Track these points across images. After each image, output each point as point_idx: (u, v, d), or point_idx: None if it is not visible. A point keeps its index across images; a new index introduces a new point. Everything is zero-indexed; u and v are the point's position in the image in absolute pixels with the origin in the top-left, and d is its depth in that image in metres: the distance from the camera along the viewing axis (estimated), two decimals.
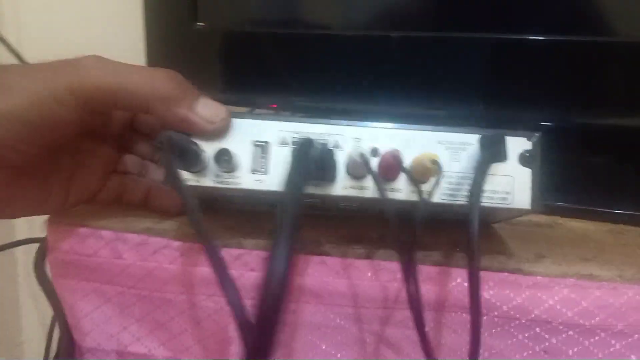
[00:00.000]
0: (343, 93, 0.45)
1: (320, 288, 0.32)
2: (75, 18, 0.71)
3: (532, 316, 0.30)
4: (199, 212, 0.25)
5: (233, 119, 0.29)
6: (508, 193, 0.29)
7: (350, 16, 0.44)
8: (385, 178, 0.29)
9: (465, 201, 0.28)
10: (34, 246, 0.40)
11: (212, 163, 0.29)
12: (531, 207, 0.29)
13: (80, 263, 0.34)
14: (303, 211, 0.23)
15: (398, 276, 0.31)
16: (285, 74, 0.47)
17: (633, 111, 0.40)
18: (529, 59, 0.40)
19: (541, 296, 0.30)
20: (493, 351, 0.31)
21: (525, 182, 0.29)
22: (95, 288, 0.35)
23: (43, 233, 0.36)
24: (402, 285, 0.31)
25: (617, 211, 0.39)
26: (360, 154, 0.28)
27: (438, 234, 0.32)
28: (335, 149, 0.29)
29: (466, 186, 0.29)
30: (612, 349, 0.30)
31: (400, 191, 0.29)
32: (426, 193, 0.29)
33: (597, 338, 0.30)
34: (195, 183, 0.29)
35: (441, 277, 0.31)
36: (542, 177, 0.30)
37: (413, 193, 0.29)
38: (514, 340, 0.31)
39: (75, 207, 0.35)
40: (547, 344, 0.30)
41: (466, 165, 0.29)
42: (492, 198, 0.29)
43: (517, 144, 0.29)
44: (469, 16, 0.42)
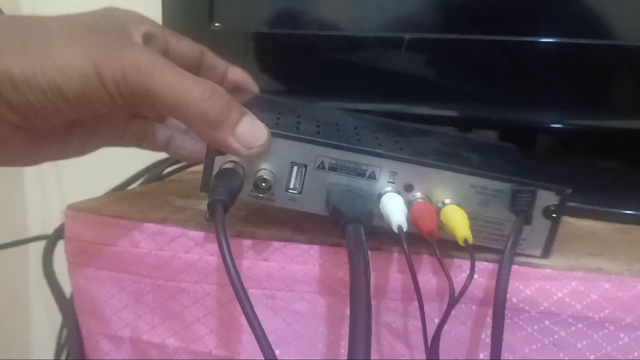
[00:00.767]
0: (358, 93, 0.46)
1: (332, 279, 0.33)
2: None
3: (542, 308, 0.30)
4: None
5: (273, 138, 0.29)
6: (524, 240, 0.31)
7: (365, 18, 0.45)
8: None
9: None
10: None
11: (250, 186, 0.30)
12: (541, 255, 0.31)
13: (97, 251, 0.35)
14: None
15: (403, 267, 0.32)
16: (301, 75, 0.48)
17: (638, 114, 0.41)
18: (542, 61, 0.41)
19: (550, 288, 0.30)
20: (502, 344, 0.31)
21: (542, 232, 0.31)
22: (111, 277, 0.35)
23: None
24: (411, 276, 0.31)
25: (625, 211, 0.39)
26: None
27: None
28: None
29: (487, 229, 0.31)
30: (621, 342, 0.30)
31: None
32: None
33: (606, 331, 0.30)
34: None
35: (452, 269, 0.31)
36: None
37: None
38: (523, 332, 0.31)
39: (95, 151, 0.35)
40: (556, 337, 0.31)
41: (492, 211, 0.30)
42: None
43: (545, 197, 0.30)
44: (480, 18, 0.43)
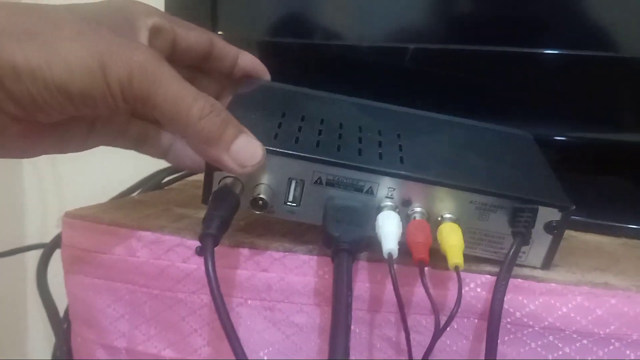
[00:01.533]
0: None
1: (330, 290, 0.32)
2: None
3: (546, 323, 0.30)
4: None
5: (270, 155, 0.29)
6: (524, 253, 0.31)
7: (368, 27, 0.45)
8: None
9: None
10: None
11: (248, 202, 0.30)
12: (541, 267, 0.31)
13: (94, 260, 0.35)
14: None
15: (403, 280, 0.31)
16: (303, 84, 0.47)
17: None
18: (546, 73, 0.41)
19: (555, 303, 0.30)
20: (506, 359, 0.31)
21: (543, 245, 0.30)
22: (108, 286, 0.35)
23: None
24: (410, 289, 0.31)
25: (632, 226, 0.39)
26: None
27: None
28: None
29: (486, 242, 0.31)
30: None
31: None
32: None
33: (612, 348, 0.29)
34: None
35: (454, 282, 0.31)
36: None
37: None
38: (527, 348, 0.30)
39: (93, 148, 0.34)
40: (561, 353, 0.30)
41: (492, 225, 0.30)
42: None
43: (547, 213, 0.29)
44: (483, 30, 0.43)
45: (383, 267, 0.31)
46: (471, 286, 0.31)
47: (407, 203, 0.30)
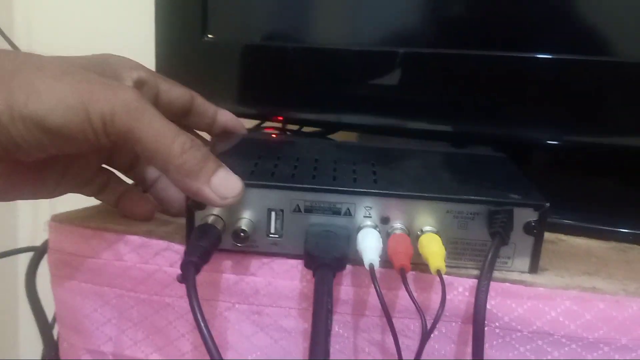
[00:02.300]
0: (352, 108, 0.46)
1: None
2: (86, 29, 0.72)
3: (534, 328, 0.30)
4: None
5: (248, 188, 0.30)
6: (509, 258, 0.31)
7: (358, 31, 0.45)
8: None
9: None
10: None
11: (229, 238, 0.30)
12: (529, 271, 0.31)
13: (81, 264, 0.34)
14: None
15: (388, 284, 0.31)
16: (293, 87, 0.47)
17: (636, 133, 0.40)
18: (537, 77, 0.41)
19: (543, 307, 0.30)
20: None
21: (526, 248, 0.30)
22: (95, 290, 0.35)
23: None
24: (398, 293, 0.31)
25: (622, 230, 0.38)
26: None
27: None
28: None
29: (469, 251, 0.31)
30: None
31: None
32: None
33: (600, 352, 0.29)
34: None
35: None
36: (547, 195, 0.30)
37: None
38: (515, 352, 0.30)
39: (61, 195, 0.35)
40: (549, 357, 0.30)
41: (473, 233, 0.30)
42: None
43: (524, 214, 0.30)
44: (475, 33, 0.43)
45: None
46: (459, 290, 0.30)
47: (386, 220, 0.30)
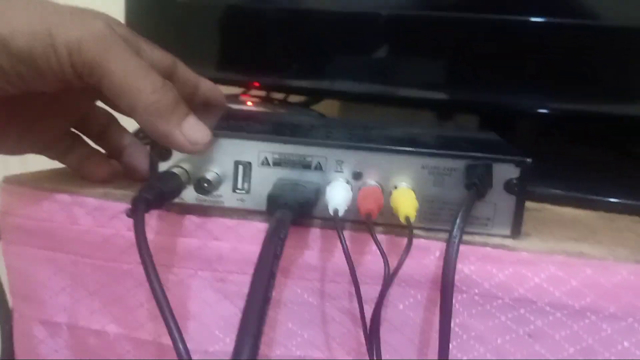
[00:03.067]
0: (328, 71, 0.43)
1: (286, 260, 0.30)
2: None
3: (516, 295, 0.28)
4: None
5: (215, 139, 0.29)
6: (488, 219, 0.29)
7: None
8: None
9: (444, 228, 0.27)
10: None
11: (192, 189, 0.29)
12: (511, 234, 0.29)
13: (33, 228, 0.32)
14: None
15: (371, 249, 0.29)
16: (269, 51, 0.45)
17: (627, 99, 0.38)
18: (523, 43, 0.39)
19: (526, 273, 0.27)
20: (472, 333, 0.28)
21: (508, 209, 0.28)
22: (48, 256, 0.32)
23: None
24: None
25: (610, 199, 0.36)
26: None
27: None
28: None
29: (446, 211, 0.29)
30: (604, 334, 0.27)
31: None
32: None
33: (587, 321, 0.27)
34: (178, 200, 0.29)
35: (418, 252, 0.28)
36: (532, 164, 0.28)
37: None
38: (496, 321, 0.28)
39: (22, 154, 0.33)
40: (532, 327, 0.28)
41: (449, 191, 0.28)
42: (472, 224, 0.28)
43: (505, 170, 0.28)
44: None
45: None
46: (436, 255, 0.28)
47: (358, 176, 0.29)
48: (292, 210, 0.27)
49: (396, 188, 0.28)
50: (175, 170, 0.29)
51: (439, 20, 0.40)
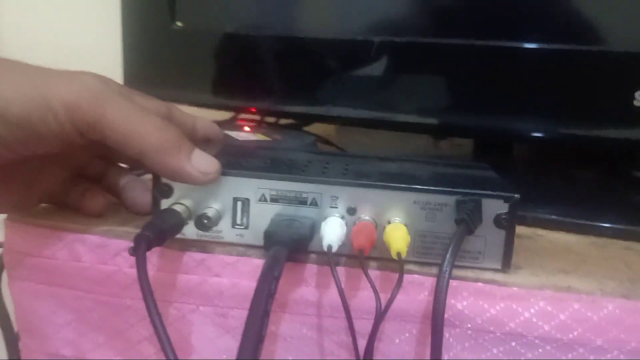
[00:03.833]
0: (321, 98, 0.44)
1: (285, 296, 0.30)
2: (53, 17, 0.70)
3: (507, 329, 0.28)
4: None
5: None
6: (480, 253, 0.29)
7: (334, 20, 0.44)
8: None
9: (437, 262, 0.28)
10: None
11: (193, 225, 0.30)
12: (501, 268, 0.29)
13: (37, 265, 0.33)
14: None
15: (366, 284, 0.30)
16: (265, 77, 0.46)
17: (619, 124, 0.39)
18: (517, 69, 0.39)
19: (517, 308, 0.28)
20: None
21: (498, 243, 0.29)
22: (52, 292, 0.33)
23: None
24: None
25: (602, 224, 0.37)
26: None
27: None
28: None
29: (439, 245, 0.29)
30: None
31: None
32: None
33: (575, 353, 0.28)
34: (179, 236, 0.30)
35: (412, 287, 0.29)
36: (525, 188, 0.29)
37: None
38: (488, 354, 0.29)
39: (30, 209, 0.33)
40: (523, 359, 0.29)
41: (441, 225, 0.29)
42: (464, 258, 0.29)
43: (494, 206, 0.28)
44: (459, 23, 0.41)
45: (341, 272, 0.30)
46: (430, 290, 0.29)
47: (353, 211, 0.29)
48: (287, 246, 0.27)
49: (389, 223, 0.29)
50: (176, 207, 0.30)
51: (431, 47, 0.41)
